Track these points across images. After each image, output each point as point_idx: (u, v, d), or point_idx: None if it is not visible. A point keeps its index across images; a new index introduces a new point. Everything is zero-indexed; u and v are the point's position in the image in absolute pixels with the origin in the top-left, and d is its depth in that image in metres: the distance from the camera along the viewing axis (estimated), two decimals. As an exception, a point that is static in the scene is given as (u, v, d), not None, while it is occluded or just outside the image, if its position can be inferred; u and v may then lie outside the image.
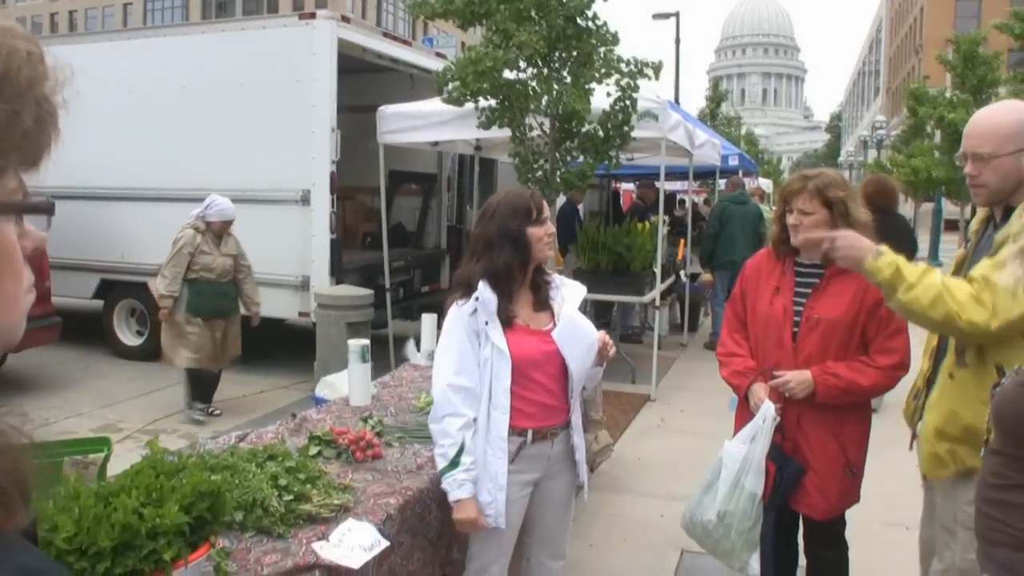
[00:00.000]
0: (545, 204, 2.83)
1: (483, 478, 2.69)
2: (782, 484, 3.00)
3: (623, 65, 6.39)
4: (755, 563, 3.02)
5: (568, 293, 2.91)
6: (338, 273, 7.96)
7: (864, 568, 3.36)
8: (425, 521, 2.75)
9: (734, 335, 3.25)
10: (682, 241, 11.03)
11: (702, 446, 6.19)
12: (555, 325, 2.81)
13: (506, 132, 6.91)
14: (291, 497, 2.40)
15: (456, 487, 2.64)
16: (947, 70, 23.88)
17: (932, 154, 22.94)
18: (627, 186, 18.59)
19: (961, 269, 2.68)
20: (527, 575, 3.02)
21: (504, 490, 2.70)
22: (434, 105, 7.00)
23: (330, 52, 7.73)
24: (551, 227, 2.81)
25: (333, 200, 7.86)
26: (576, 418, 2.90)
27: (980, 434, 2.29)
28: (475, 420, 2.69)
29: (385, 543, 2.37)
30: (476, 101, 6.55)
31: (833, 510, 3.07)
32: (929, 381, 2.70)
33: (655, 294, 8.68)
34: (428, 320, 4.59)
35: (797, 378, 2.95)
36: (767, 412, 2.96)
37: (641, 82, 6.65)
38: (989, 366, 2.33)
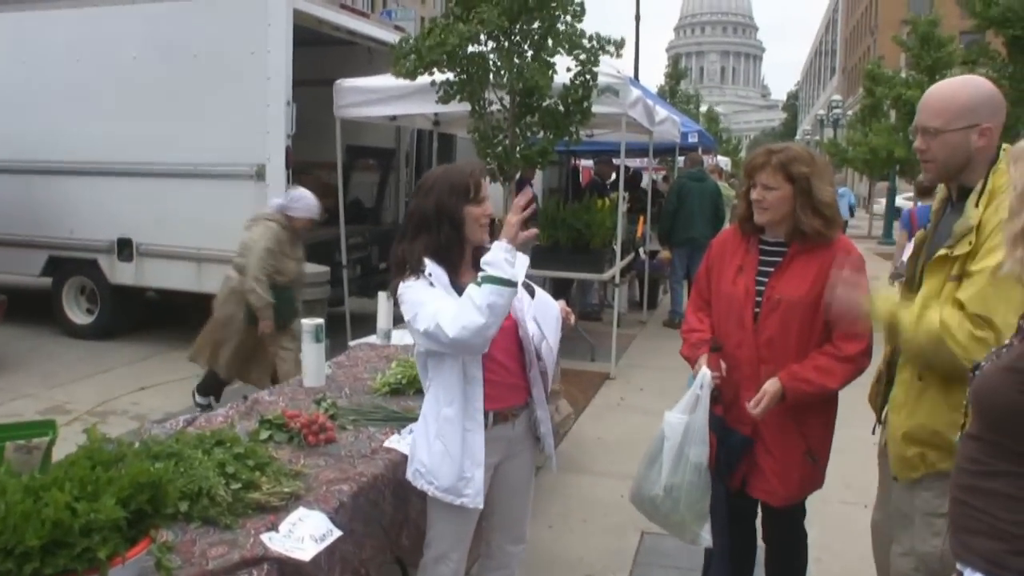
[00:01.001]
0: (484, 183, 2.71)
1: (461, 455, 2.59)
2: (724, 454, 2.96)
3: (585, 41, 6.29)
4: (706, 534, 2.97)
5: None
6: (294, 250, 7.80)
7: (824, 548, 3.35)
8: (378, 508, 2.68)
9: (698, 313, 3.20)
10: (641, 218, 11.00)
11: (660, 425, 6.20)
12: None
13: (465, 107, 6.79)
14: (239, 485, 2.31)
15: (504, 261, 2.44)
16: (904, 51, 24.17)
17: (890, 133, 23.22)
18: (586, 163, 18.53)
19: (922, 251, 2.64)
20: (487, 559, 2.96)
21: (482, 467, 2.61)
22: (392, 79, 6.84)
23: (285, 23, 7.51)
24: (489, 207, 2.70)
25: (288, 175, 7.67)
26: (538, 392, 2.82)
27: (951, 439, 2.27)
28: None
29: (338, 533, 2.29)
30: (431, 74, 6.41)
31: (792, 497, 3.02)
32: (890, 364, 2.67)
33: (615, 271, 8.65)
34: (383, 298, 4.50)
35: (769, 395, 2.85)
36: (703, 378, 2.90)
37: (602, 58, 6.57)
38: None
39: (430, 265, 2.60)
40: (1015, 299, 1.80)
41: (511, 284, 2.44)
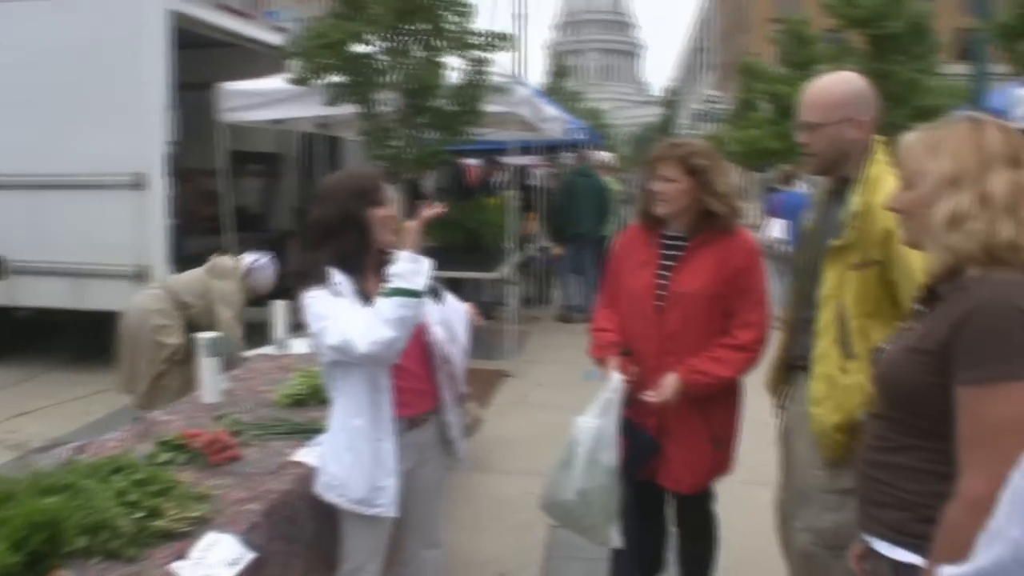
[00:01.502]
0: (387, 184, 2.69)
1: (373, 464, 2.54)
2: (633, 457, 3.01)
3: (475, 39, 6.30)
4: (616, 535, 3.03)
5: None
6: (179, 261, 7.50)
7: (726, 527, 3.46)
8: (297, 525, 2.60)
9: (605, 310, 3.25)
10: (531, 215, 11.11)
11: (563, 419, 6.16)
12: None
13: (352, 109, 6.70)
14: (142, 513, 2.19)
15: (414, 270, 2.43)
16: (777, 48, 25.22)
17: (764, 126, 24.16)
18: (472, 161, 18.57)
19: (809, 243, 2.76)
20: (402, 567, 2.92)
21: (394, 475, 2.56)
22: (277, 82, 6.69)
23: (162, 24, 7.21)
24: (392, 209, 2.66)
25: (171, 183, 7.37)
26: (447, 396, 2.81)
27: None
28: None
29: (251, 555, 2.21)
30: (321, 77, 6.30)
31: (699, 485, 3.11)
32: (788, 353, 2.78)
33: (508, 269, 8.71)
34: (280, 307, 4.39)
35: (668, 389, 2.92)
36: (614, 383, 2.95)
37: (488, 58, 6.60)
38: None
39: (336, 275, 2.54)
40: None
41: (418, 295, 2.42)
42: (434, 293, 2.78)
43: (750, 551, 3.87)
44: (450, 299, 2.89)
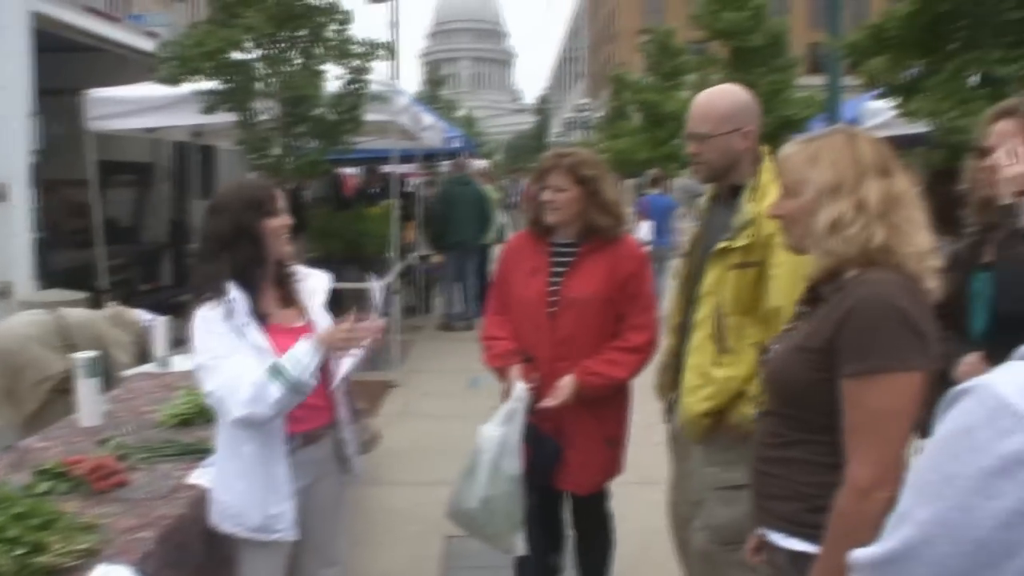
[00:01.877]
0: (280, 194, 2.64)
1: (267, 491, 2.49)
2: (538, 464, 3.06)
3: (355, 47, 6.23)
4: (520, 542, 3.07)
5: (313, 285, 2.78)
6: (45, 276, 7.09)
7: (623, 529, 3.55)
8: (188, 551, 2.50)
9: (495, 318, 3.27)
10: (411, 224, 11.06)
11: (450, 428, 6.25)
12: (307, 320, 2.68)
13: (229, 118, 6.51)
14: (24, 550, 2.06)
15: (304, 366, 2.40)
16: (645, 58, 26.02)
17: (635, 135, 24.87)
18: (349, 170, 18.32)
19: (696, 248, 2.88)
20: None
21: (290, 499, 2.52)
22: (149, 89, 6.41)
23: (24, 26, 6.79)
24: (287, 218, 2.62)
25: (35, 194, 6.96)
26: (342, 412, 2.77)
27: (742, 399, 2.50)
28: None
29: (145, 584, 2.12)
30: (195, 81, 6.09)
31: (597, 484, 3.20)
32: (676, 354, 2.89)
33: (391, 278, 8.63)
34: (160, 323, 4.22)
35: (564, 390, 2.98)
36: (519, 393, 2.99)
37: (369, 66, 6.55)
38: (747, 346, 2.54)
39: (233, 289, 2.48)
40: (799, 290, 2.01)
41: (305, 391, 2.41)
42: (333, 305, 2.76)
43: (644, 550, 3.99)
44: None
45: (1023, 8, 5.88)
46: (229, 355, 2.42)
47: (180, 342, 4.77)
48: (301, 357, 2.41)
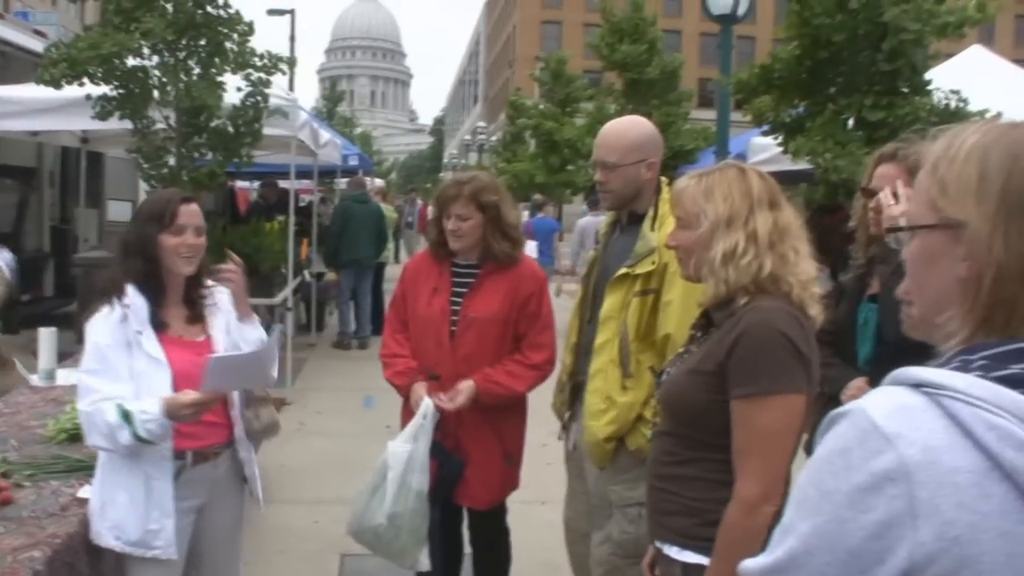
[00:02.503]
0: (187, 210, 2.55)
1: (148, 506, 2.43)
2: (444, 479, 3.10)
3: (256, 59, 6.15)
4: (425, 558, 3.09)
5: (221, 299, 2.74)
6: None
7: (519, 544, 3.60)
8: (74, 570, 2.41)
9: (396, 336, 3.30)
10: (305, 240, 10.91)
11: (344, 446, 6.20)
12: (208, 336, 2.64)
13: (118, 124, 6.30)
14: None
15: (148, 429, 2.35)
16: (539, 85, 26.49)
17: (530, 159, 25.25)
18: (242, 184, 17.92)
19: (593, 271, 2.99)
20: None
21: (172, 517, 2.46)
22: (34, 90, 6.14)
23: None
24: (191, 237, 2.53)
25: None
26: (240, 431, 2.72)
27: (640, 423, 2.59)
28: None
29: (37, 605, 2.04)
30: (81, 84, 5.87)
31: (494, 499, 3.25)
32: (572, 375, 2.97)
33: (286, 294, 8.50)
34: (46, 335, 4.04)
35: (464, 393, 3.03)
36: (427, 410, 3.03)
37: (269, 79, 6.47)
38: (644, 371, 2.65)
39: (133, 295, 2.46)
40: (694, 315, 2.12)
41: (156, 442, 2.40)
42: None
43: (540, 566, 4.05)
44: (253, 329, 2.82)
45: (891, 61, 6.32)
46: (104, 371, 2.41)
47: (66, 355, 4.59)
48: (147, 420, 2.35)
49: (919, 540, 0.84)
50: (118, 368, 2.42)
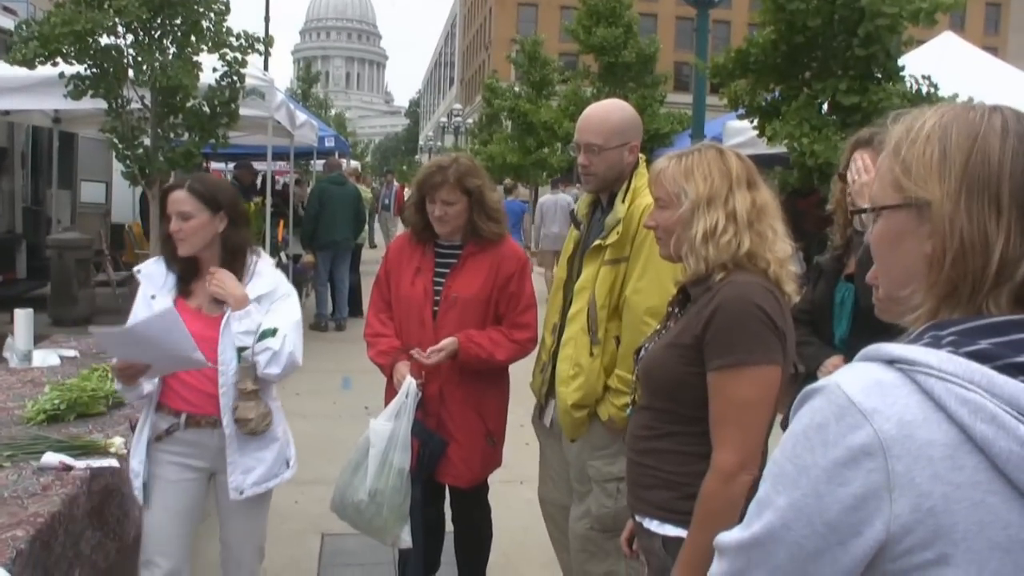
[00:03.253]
0: (171, 199, 2.68)
1: (137, 445, 2.75)
2: (426, 458, 3.13)
3: (233, 39, 6.10)
4: (406, 535, 3.12)
5: (256, 285, 2.78)
6: None
7: (499, 523, 3.64)
8: (48, 548, 2.39)
9: (380, 315, 3.32)
10: (281, 222, 10.85)
11: (323, 427, 6.21)
12: (221, 312, 2.74)
13: (91, 104, 6.23)
14: None
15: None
16: (515, 67, 26.40)
17: (506, 142, 25.19)
18: (217, 166, 17.78)
19: (577, 249, 3.02)
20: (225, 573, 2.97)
21: (143, 462, 2.71)
22: (4, 69, 6.04)
23: None
24: (175, 224, 2.67)
25: None
26: (227, 415, 2.76)
27: (608, 393, 2.68)
28: None
29: (20, 585, 2.05)
30: (55, 63, 5.79)
31: (476, 478, 3.28)
32: (553, 354, 3.01)
33: (263, 277, 8.45)
34: (22, 316, 4.02)
35: (446, 342, 3.06)
36: (409, 388, 3.05)
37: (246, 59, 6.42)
38: (610, 338, 2.72)
39: (149, 264, 2.83)
40: (670, 292, 2.16)
41: None
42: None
43: (518, 545, 4.11)
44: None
45: (866, 47, 6.39)
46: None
47: (41, 337, 4.57)
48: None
49: (895, 512, 0.88)
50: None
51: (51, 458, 2.72)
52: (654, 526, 2.00)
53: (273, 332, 2.69)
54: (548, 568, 4.02)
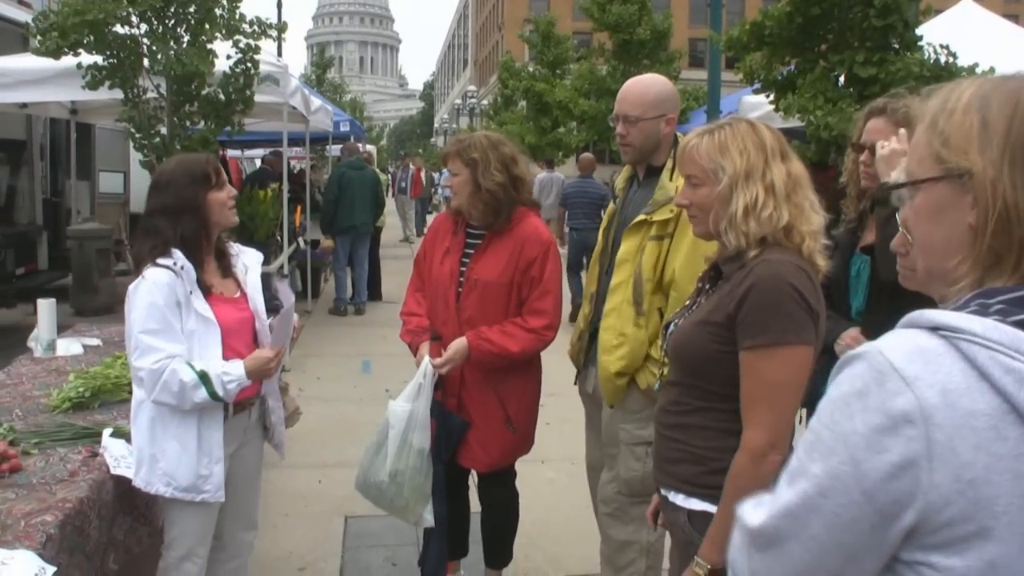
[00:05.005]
0: (219, 167, 2.77)
1: (199, 453, 2.60)
2: (443, 438, 3.14)
3: (246, 25, 6.10)
4: (428, 514, 3.14)
5: (249, 260, 2.91)
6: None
7: (520, 502, 3.68)
8: (84, 534, 2.46)
9: (416, 295, 3.35)
10: (299, 207, 10.90)
11: (344, 411, 6.27)
12: (243, 293, 2.81)
13: (108, 94, 6.26)
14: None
15: (228, 389, 2.57)
16: (529, 47, 26.24)
17: (521, 122, 25.10)
18: (233, 153, 17.81)
19: (612, 222, 3.03)
20: (220, 552, 2.92)
21: (221, 462, 2.64)
22: (22, 61, 6.08)
23: None
24: (232, 190, 2.76)
25: None
26: (269, 383, 2.87)
27: (649, 362, 2.71)
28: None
29: (52, 569, 2.08)
30: (76, 54, 5.82)
31: (494, 464, 3.26)
32: (591, 322, 3.02)
33: (281, 262, 8.51)
34: (45, 306, 4.06)
35: (454, 352, 3.06)
36: (425, 368, 3.06)
37: (259, 45, 6.43)
38: (654, 312, 2.74)
39: (180, 257, 2.58)
40: (700, 268, 2.16)
41: (218, 401, 2.59)
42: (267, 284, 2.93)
43: (538, 524, 4.13)
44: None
45: (883, 17, 6.29)
46: (163, 331, 2.54)
47: (63, 327, 4.62)
48: (230, 380, 2.56)
49: (935, 482, 0.86)
50: (175, 327, 2.56)
51: (112, 443, 2.78)
52: (680, 500, 2.01)
53: None
54: (570, 547, 4.05)
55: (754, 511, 1.02)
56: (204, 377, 2.52)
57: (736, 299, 1.87)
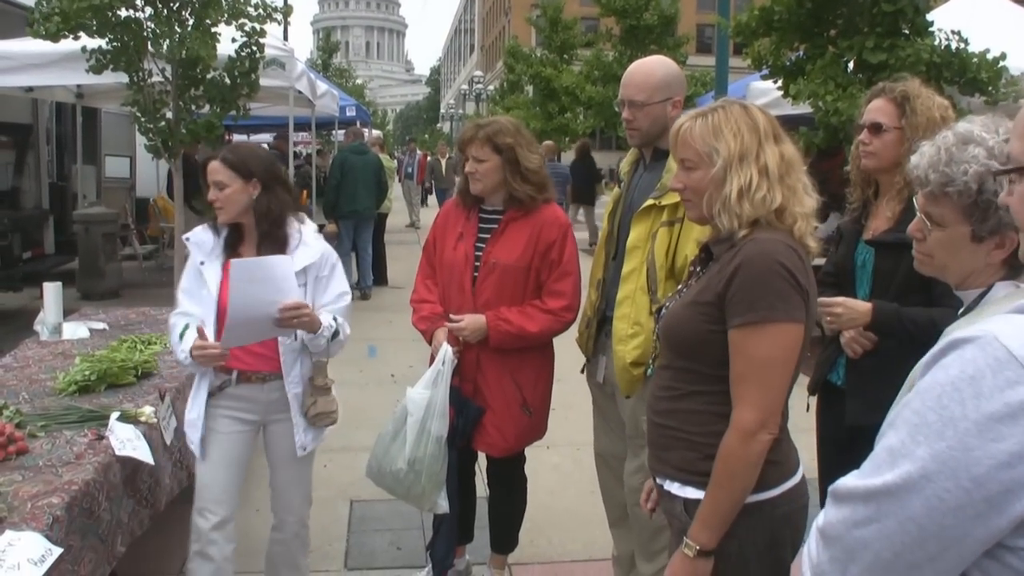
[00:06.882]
0: (209, 169, 2.80)
1: (190, 411, 2.88)
2: (461, 426, 3.12)
3: (250, 8, 6.07)
4: (443, 501, 3.13)
5: (302, 255, 2.87)
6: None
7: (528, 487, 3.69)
8: (95, 516, 2.47)
9: (426, 281, 3.32)
10: (304, 192, 10.88)
11: (350, 395, 6.24)
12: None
13: (113, 78, 6.24)
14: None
15: (180, 358, 2.83)
16: (536, 31, 26.10)
17: (528, 107, 25.00)
18: (238, 137, 17.81)
19: (618, 207, 3.01)
20: (276, 532, 3.10)
21: (199, 422, 2.83)
22: (27, 44, 6.06)
23: None
24: (215, 193, 2.80)
25: None
26: (293, 372, 2.89)
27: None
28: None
29: (58, 551, 2.10)
30: (77, 37, 5.80)
31: (511, 448, 3.25)
32: (599, 310, 3.00)
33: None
34: (51, 290, 4.06)
35: (471, 324, 3.05)
36: (445, 355, 3.04)
37: (266, 29, 6.40)
38: (665, 298, 2.68)
39: (201, 231, 2.90)
40: (693, 251, 2.15)
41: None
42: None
43: (545, 509, 4.13)
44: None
45: (894, 2, 6.23)
46: (188, 290, 2.89)
47: (69, 311, 4.63)
48: (181, 351, 2.80)
49: None
50: (195, 289, 2.87)
51: (119, 427, 2.84)
52: (675, 488, 1.98)
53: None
54: (575, 532, 4.06)
55: (855, 484, 1.00)
56: (182, 338, 2.79)
57: (725, 278, 1.86)
